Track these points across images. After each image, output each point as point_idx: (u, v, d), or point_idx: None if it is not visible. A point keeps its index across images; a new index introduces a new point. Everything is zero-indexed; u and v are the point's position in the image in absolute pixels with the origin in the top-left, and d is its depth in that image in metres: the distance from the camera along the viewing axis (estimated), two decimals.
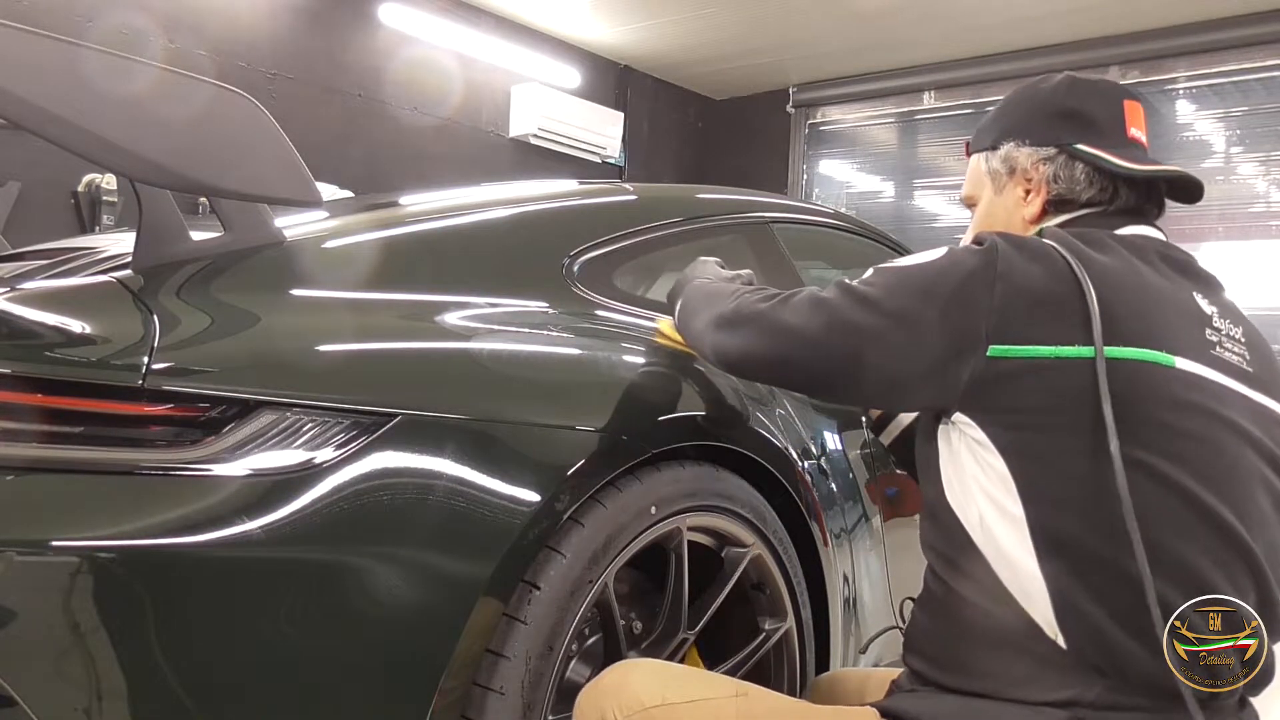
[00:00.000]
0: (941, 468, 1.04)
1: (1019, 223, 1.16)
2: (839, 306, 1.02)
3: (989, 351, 0.94)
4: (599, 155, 5.96)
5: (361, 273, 1.22)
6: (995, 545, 0.96)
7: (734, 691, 1.04)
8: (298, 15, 4.63)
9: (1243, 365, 1.00)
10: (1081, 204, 1.12)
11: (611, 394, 1.26)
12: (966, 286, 0.96)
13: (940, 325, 0.96)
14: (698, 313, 1.20)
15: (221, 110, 1.00)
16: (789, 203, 2.19)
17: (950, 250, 1.02)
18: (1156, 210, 1.15)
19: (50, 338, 0.91)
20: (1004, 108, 1.21)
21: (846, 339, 1.00)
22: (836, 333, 1.01)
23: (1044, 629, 0.93)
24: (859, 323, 0.99)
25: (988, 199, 1.20)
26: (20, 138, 1.10)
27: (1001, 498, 0.95)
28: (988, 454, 0.96)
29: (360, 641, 0.97)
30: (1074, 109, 1.13)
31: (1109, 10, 4.88)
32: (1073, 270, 0.95)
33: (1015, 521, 0.94)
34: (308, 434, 0.96)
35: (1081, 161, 1.11)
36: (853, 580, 1.64)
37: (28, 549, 0.84)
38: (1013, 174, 1.16)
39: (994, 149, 1.18)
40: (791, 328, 1.04)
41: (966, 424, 0.98)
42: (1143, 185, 1.12)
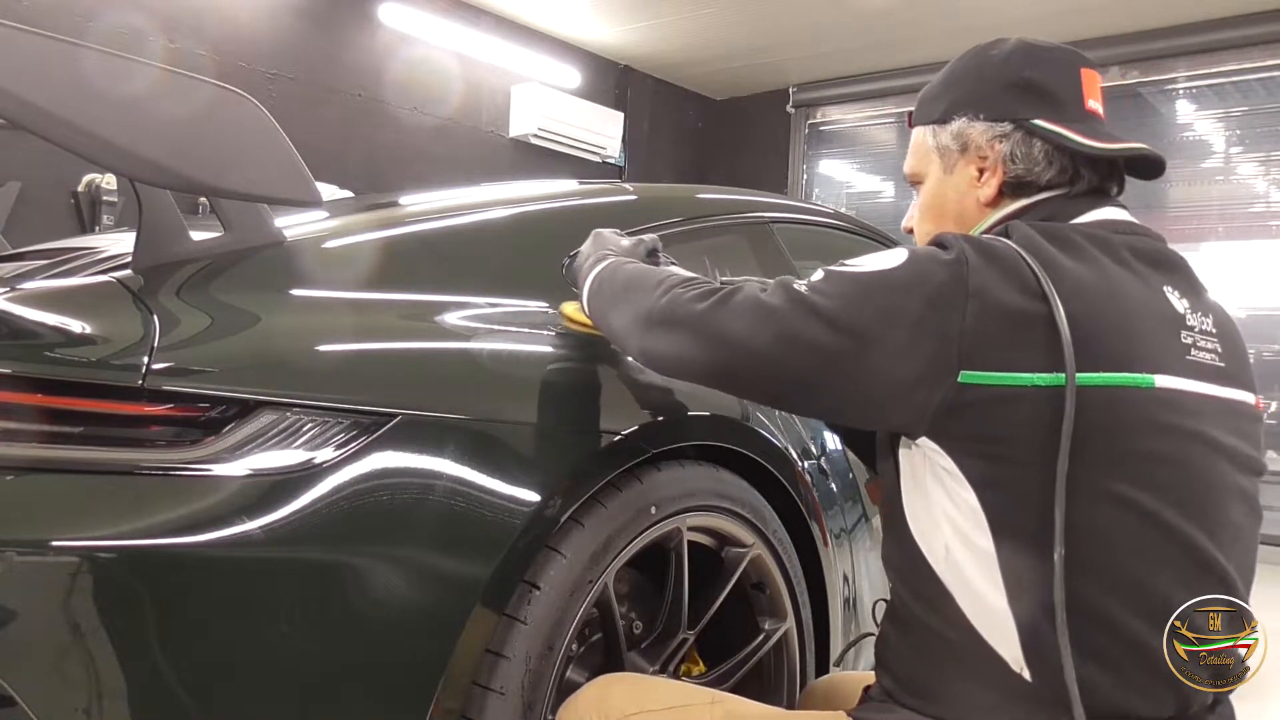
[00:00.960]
0: (904, 492, 0.97)
1: (972, 205, 1.06)
2: (789, 317, 0.90)
3: (960, 377, 0.85)
4: (599, 155, 5.96)
5: (361, 273, 1.22)
6: (962, 580, 0.90)
7: (710, 699, 1.06)
8: (298, 15, 4.63)
9: (1215, 362, 0.95)
10: (1040, 186, 1.03)
11: (611, 394, 1.26)
12: (937, 306, 0.87)
13: (908, 349, 0.87)
14: (617, 304, 1.07)
15: (221, 110, 1.00)
16: (789, 203, 2.19)
17: (913, 256, 0.91)
18: (1118, 188, 1.07)
19: (50, 338, 0.91)
20: (952, 75, 1.10)
21: (799, 356, 0.90)
22: (788, 348, 0.90)
23: (1010, 664, 0.88)
24: (813, 340, 0.89)
25: (936, 178, 1.09)
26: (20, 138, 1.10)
27: (971, 531, 0.89)
28: (957, 485, 0.89)
29: (360, 641, 0.97)
30: (1030, 80, 1.03)
31: (1109, 10, 4.88)
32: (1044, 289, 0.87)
33: (985, 556, 0.88)
34: (308, 434, 0.96)
35: (1040, 139, 1.01)
36: (853, 580, 1.64)
37: (28, 549, 0.84)
38: (965, 151, 1.05)
39: (943, 122, 1.07)
40: (735, 338, 0.92)
41: (934, 451, 0.90)
42: (1104, 164, 1.03)
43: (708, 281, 1.01)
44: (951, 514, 0.90)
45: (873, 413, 0.93)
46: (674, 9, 5.27)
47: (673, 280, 1.02)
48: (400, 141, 5.06)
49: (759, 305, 0.92)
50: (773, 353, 0.91)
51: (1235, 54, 4.99)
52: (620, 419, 1.21)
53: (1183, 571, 0.88)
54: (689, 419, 1.33)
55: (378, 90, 4.94)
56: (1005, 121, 1.03)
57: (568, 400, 1.21)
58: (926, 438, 0.90)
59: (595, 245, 1.23)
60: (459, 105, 5.32)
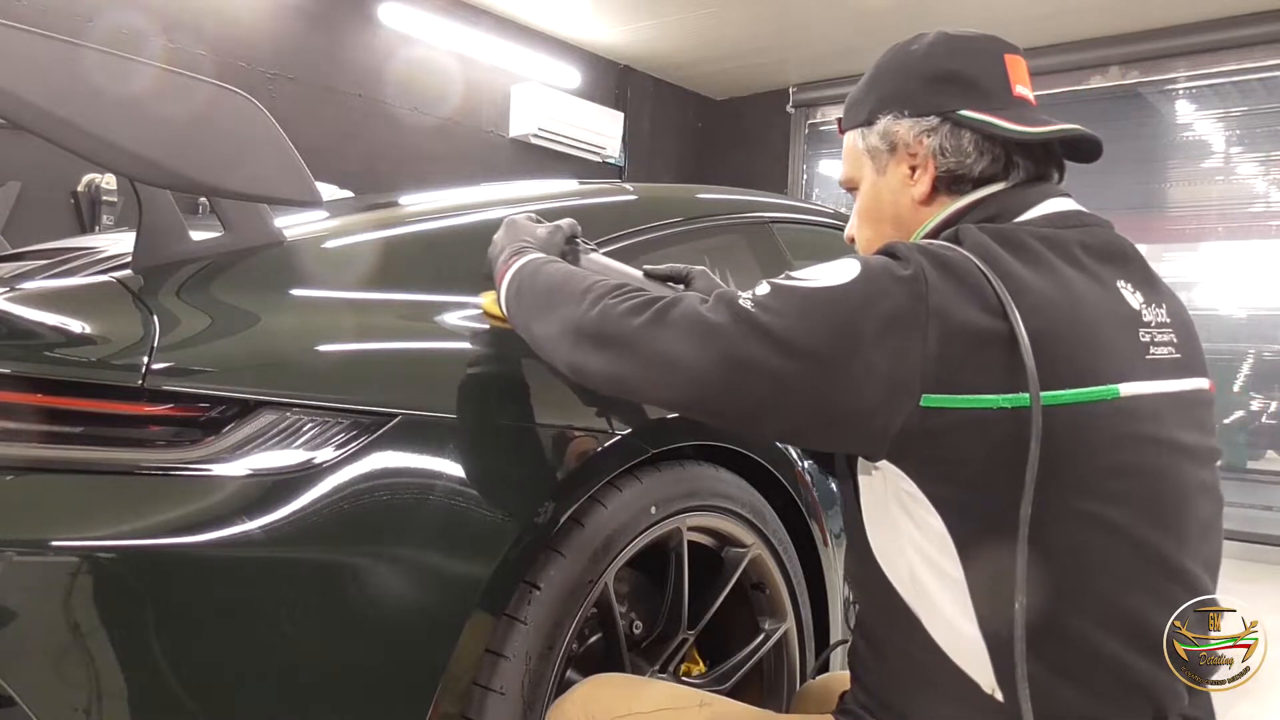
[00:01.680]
0: (865, 514, 0.94)
1: (908, 204, 1.03)
2: (735, 338, 0.84)
3: (922, 401, 0.81)
4: (599, 155, 5.96)
5: (361, 273, 1.22)
6: (930, 606, 0.87)
7: (698, 701, 1.05)
8: (298, 15, 4.63)
9: (1172, 355, 0.92)
10: (975, 179, 0.99)
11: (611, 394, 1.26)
12: (896, 327, 0.81)
13: (866, 374, 0.81)
14: (541, 314, 1.00)
15: (221, 110, 1.01)
16: (789, 203, 2.19)
17: (866, 270, 0.85)
18: (1058, 175, 1.03)
19: (50, 338, 0.91)
20: (875, 76, 1.07)
21: (746, 381, 0.84)
22: (733, 372, 0.84)
23: (981, 686, 0.86)
24: (762, 363, 0.83)
25: (870, 181, 1.06)
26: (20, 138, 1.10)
27: (939, 558, 0.85)
28: (922, 510, 0.85)
29: (360, 641, 0.97)
30: (953, 71, 1.01)
31: (1109, 10, 4.88)
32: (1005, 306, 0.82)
33: (954, 584, 0.85)
34: (308, 434, 0.96)
35: (968, 129, 0.98)
36: None
37: (28, 549, 0.84)
38: (894, 150, 1.02)
39: (870, 124, 1.04)
40: (675, 361, 0.86)
41: (896, 475, 0.86)
42: (1039, 150, 1.00)
43: (638, 290, 0.94)
44: (918, 540, 0.86)
45: (829, 438, 0.89)
46: (674, 9, 5.27)
47: (601, 288, 0.95)
48: (400, 141, 5.06)
49: (700, 322, 0.86)
50: (716, 376, 0.85)
51: (1235, 54, 4.99)
52: (620, 419, 1.21)
53: (1152, 583, 0.86)
54: (689, 419, 1.33)
55: (378, 90, 4.94)
56: (931, 115, 1.00)
57: (567, 400, 1.20)
58: (888, 461, 0.86)
59: (509, 235, 1.16)
60: (459, 105, 5.32)
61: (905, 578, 0.89)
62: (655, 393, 0.91)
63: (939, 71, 1.01)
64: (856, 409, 0.82)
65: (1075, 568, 0.83)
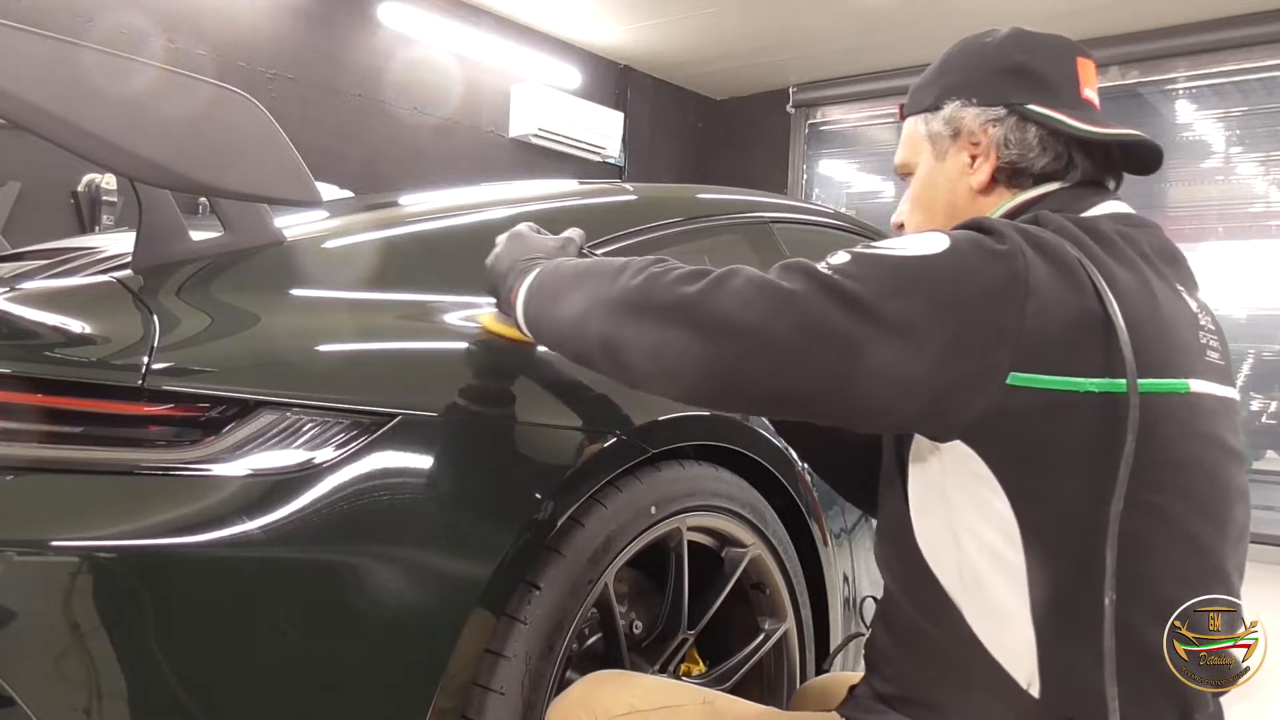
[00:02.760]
0: (912, 498, 0.92)
1: (964, 193, 1.03)
2: (814, 305, 0.79)
3: (1009, 379, 0.79)
4: (599, 155, 5.96)
5: (361, 273, 1.22)
6: (977, 595, 0.86)
7: (700, 699, 1.05)
8: (298, 15, 4.63)
9: (1219, 362, 0.92)
10: (1035, 174, 1.00)
11: (611, 394, 1.26)
12: (993, 303, 0.79)
13: (957, 347, 0.78)
14: (566, 295, 0.93)
15: (221, 110, 1.00)
16: (789, 203, 2.19)
17: (956, 244, 0.83)
18: (1115, 181, 1.04)
19: (50, 338, 0.91)
20: (945, 63, 1.07)
21: (825, 352, 0.78)
22: (813, 341, 0.78)
23: (1018, 680, 0.85)
24: (846, 333, 0.78)
25: (927, 166, 1.06)
26: (20, 138, 1.10)
27: (998, 543, 0.84)
28: (988, 492, 0.83)
29: (360, 641, 0.97)
30: (1024, 65, 1.01)
31: (1109, 10, 4.88)
32: (1097, 289, 0.82)
33: (1013, 571, 0.83)
34: (308, 434, 0.96)
35: (1034, 123, 0.98)
36: (852, 580, 1.64)
37: (28, 549, 0.84)
38: (957, 137, 1.02)
39: (935, 109, 1.04)
40: (741, 328, 0.79)
41: (966, 456, 0.84)
42: (1099, 153, 1.00)
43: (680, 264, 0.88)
44: (974, 525, 0.85)
45: (901, 417, 0.84)
46: (674, 9, 5.27)
47: (641, 262, 0.89)
48: (400, 141, 5.06)
49: (772, 289, 0.80)
50: (791, 345, 0.78)
51: (1235, 54, 5.00)
52: (620, 419, 1.21)
53: (1198, 581, 0.87)
54: (689, 419, 1.33)
55: (378, 90, 4.95)
56: (999, 106, 1.00)
57: (568, 400, 1.20)
58: (960, 441, 0.83)
59: (515, 250, 1.09)
60: (459, 105, 5.32)
61: (950, 564, 0.88)
62: (709, 365, 0.81)
63: (1010, 64, 1.01)
64: (942, 384, 0.79)
65: (1135, 559, 0.82)
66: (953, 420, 0.82)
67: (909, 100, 1.10)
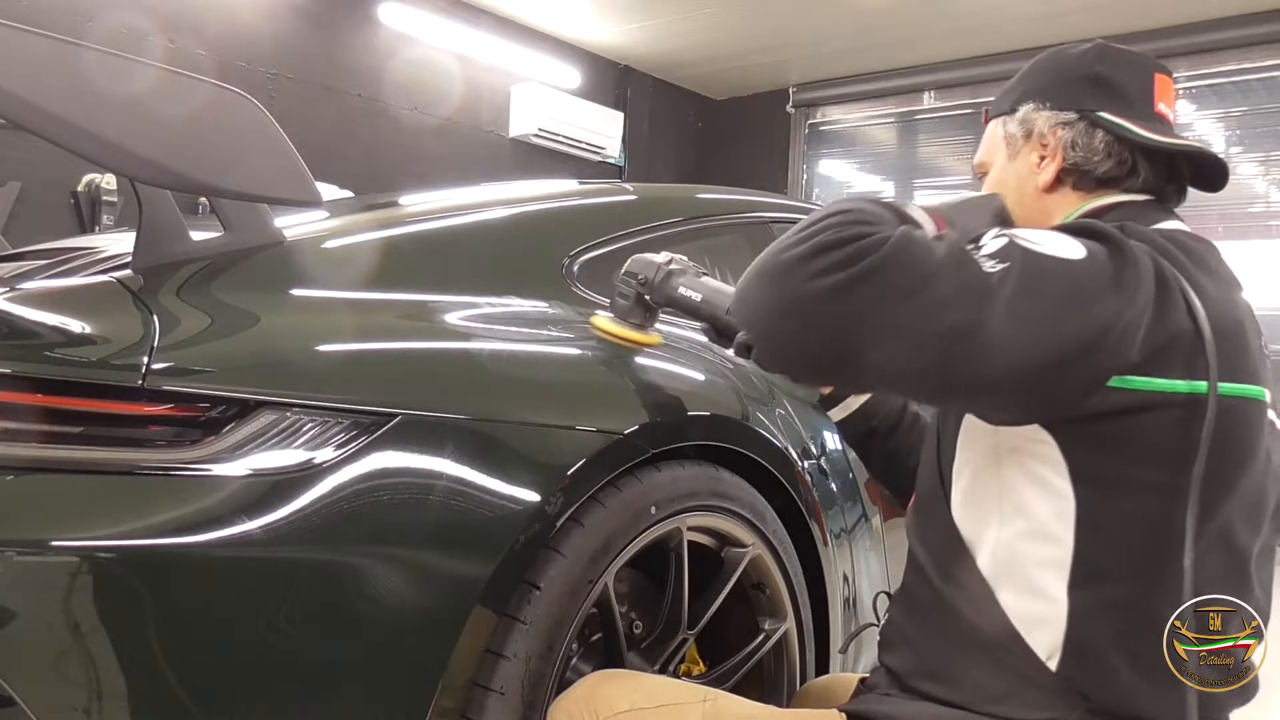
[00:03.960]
0: (955, 474, 0.96)
1: (1031, 191, 1.08)
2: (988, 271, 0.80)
3: (1110, 382, 0.82)
4: (599, 155, 5.97)
5: (361, 273, 1.22)
6: (1012, 572, 0.91)
7: (701, 697, 1.06)
8: (298, 15, 4.63)
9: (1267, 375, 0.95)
10: (1098, 178, 1.04)
11: (611, 394, 1.26)
12: (1114, 310, 0.81)
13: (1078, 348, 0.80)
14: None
15: (221, 110, 1.00)
16: (789, 203, 2.19)
17: (1091, 253, 0.84)
18: (1178, 196, 1.09)
19: (50, 338, 0.91)
20: (1028, 71, 1.13)
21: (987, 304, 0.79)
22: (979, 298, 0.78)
23: (1038, 652, 0.90)
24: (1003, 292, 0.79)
25: (1000, 165, 1.12)
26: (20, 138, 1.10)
27: (1049, 521, 0.88)
28: (1053, 475, 0.87)
29: (360, 641, 0.97)
30: (1102, 75, 1.05)
31: (1108, 10, 4.89)
32: (1186, 297, 0.85)
33: (1059, 547, 0.88)
34: (308, 434, 0.96)
35: (1103, 130, 1.03)
36: (853, 580, 1.64)
37: (28, 549, 0.84)
38: (1029, 138, 1.08)
39: (1012, 112, 1.10)
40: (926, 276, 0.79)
41: (1034, 439, 0.87)
42: (1163, 164, 1.05)
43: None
44: (1027, 502, 0.89)
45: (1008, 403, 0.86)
46: (674, 9, 5.27)
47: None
48: (400, 141, 5.06)
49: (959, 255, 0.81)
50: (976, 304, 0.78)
51: (1235, 54, 5.00)
52: (620, 419, 1.21)
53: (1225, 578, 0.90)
54: (689, 419, 1.33)
55: (378, 90, 4.95)
56: (1070, 110, 1.05)
57: (568, 400, 1.20)
58: (1041, 426, 0.87)
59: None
60: (459, 105, 5.32)
61: (989, 541, 0.92)
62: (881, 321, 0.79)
63: (1088, 73, 1.06)
64: (1057, 379, 0.81)
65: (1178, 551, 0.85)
66: (1044, 412, 0.86)
67: (992, 105, 1.17)
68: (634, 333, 1.28)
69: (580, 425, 1.17)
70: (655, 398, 1.30)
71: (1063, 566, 0.88)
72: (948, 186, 6.11)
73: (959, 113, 5.98)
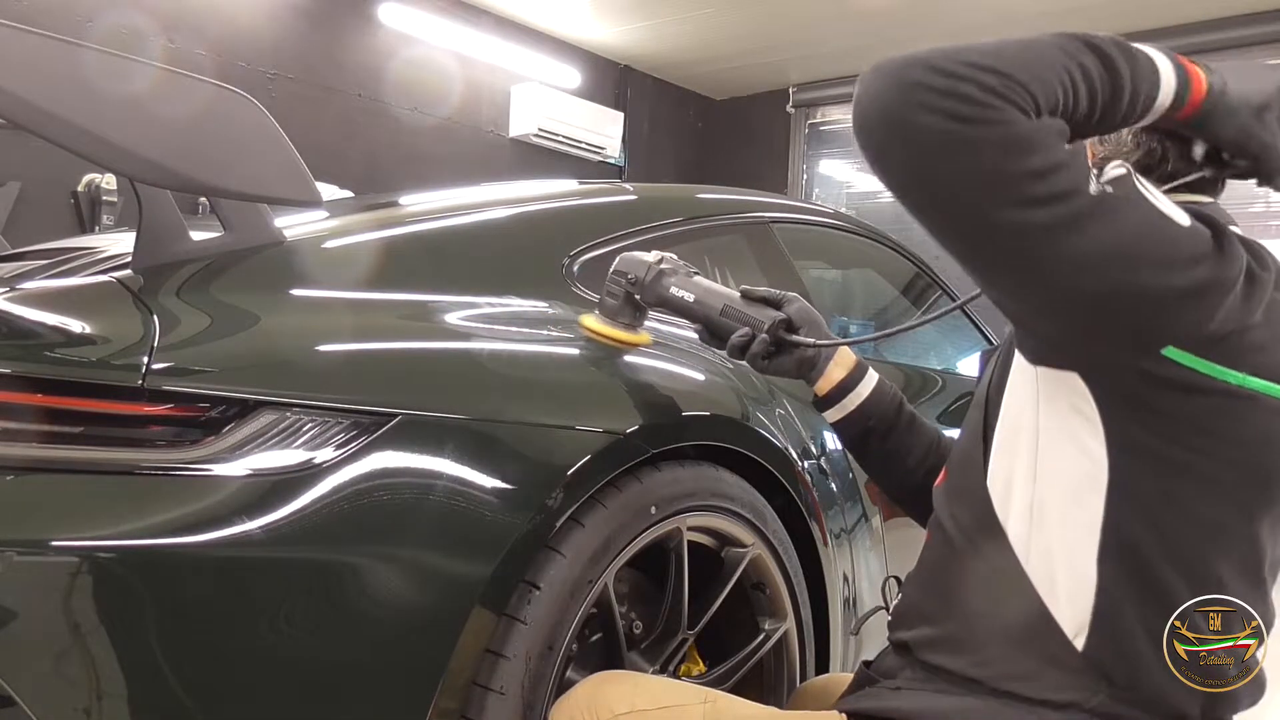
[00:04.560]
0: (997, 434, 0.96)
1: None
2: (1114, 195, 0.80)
3: (1165, 350, 0.82)
4: (599, 155, 5.96)
5: (361, 273, 1.22)
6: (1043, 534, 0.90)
7: (702, 698, 1.06)
8: (298, 15, 4.63)
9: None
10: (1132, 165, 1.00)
11: (611, 394, 1.26)
12: (1206, 284, 0.81)
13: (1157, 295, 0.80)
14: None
15: (221, 110, 1.00)
16: (789, 203, 2.19)
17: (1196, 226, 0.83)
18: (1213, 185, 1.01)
19: (50, 338, 0.91)
20: None
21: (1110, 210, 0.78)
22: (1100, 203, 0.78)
23: (1064, 628, 0.90)
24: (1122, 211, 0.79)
25: None
26: (20, 138, 1.10)
27: (1082, 488, 0.88)
28: (1087, 437, 0.87)
29: (360, 641, 0.97)
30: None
31: (1109, 10, 4.88)
32: (1262, 291, 0.84)
33: (1089, 513, 0.88)
34: (308, 434, 0.96)
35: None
36: (853, 580, 1.64)
37: (28, 549, 0.84)
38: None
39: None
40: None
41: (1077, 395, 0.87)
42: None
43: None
44: (1061, 467, 0.89)
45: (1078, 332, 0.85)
46: (674, 9, 5.27)
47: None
48: (400, 141, 5.06)
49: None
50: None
51: (1235, 54, 4.99)
52: (620, 419, 1.21)
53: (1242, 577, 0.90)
54: (689, 419, 1.33)
55: (378, 90, 4.94)
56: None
57: (568, 400, 1.21)
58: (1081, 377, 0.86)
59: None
60: (459, 105, 5.32)
61: (1021, 504, 0.92)
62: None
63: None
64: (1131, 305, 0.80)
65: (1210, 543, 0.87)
66: (1100, 355, 0.85)
67: None
68: (623, 332, 1.27)
69: (580, 425, 1.17)
70: (655, 398, 1.30)
71: (1093, 534, 0.88)
72: None
73: None
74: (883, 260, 2.39)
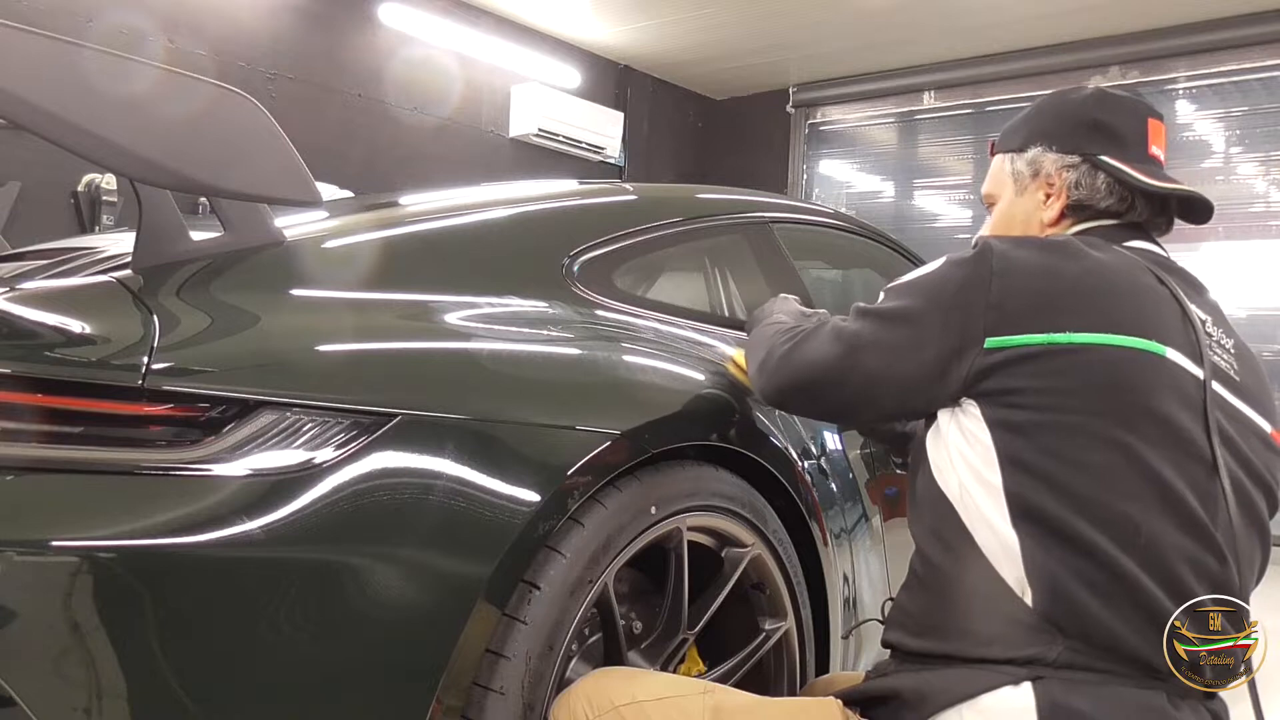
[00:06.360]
0: (928, 441, 1.10)
1: (1036, 225, 1.21)
2: (853, 330, 1.11)
3: (985, 344, 1.00)
4: (599, 155, 5.97)
5: (361, 273, 1.22)
6: (974, 508, 1.01)
7: (701, 690, 1.09)
8: (298, 15, 4.63)
9: (1230, 372, 1.04)
10: (1099, 210, 1.17)
11: (611, 394, 1.26)
12: (965, 289, 1.03)
13: (942, 328, 1.03)
14: (752, 357, 1.32)
15: (221, 110, 1.00)
16: (789, 203, 2.19)
17: (949, 258, 1.08)
18: (1165, 225, 1.20)
19: (50, 338, 0.91)
20: (1033, 112, 1.25)
21: (858, 355, 1.09)
22: (850, 352, 1.10)
23: (1013, 587, 0.97)
24: (869, 336, 1.09)
25: (1008, 199, 1.24)
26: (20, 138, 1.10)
27: (982, 467, 1.01)
28: (976, 428, 1.02)
29: (360, 641, 0.97)
30: (1102, 121, 1.18)
31: (1109, 10, 4.88)
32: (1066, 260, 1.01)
33: (992, 488, 1.00)
34: (308, 434, 0.96)
35: (1104, 172, 1.15)
36: (853, 580, 1.64)
37: (28, 549, 0.84)
38: (1036, 177, 1.21)
39: (1020, 151, 1.22)
40: (813, 360, 1.15)
41: (968, 404, 1.04)
42: (1157, 201, 1.17)
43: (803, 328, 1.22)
44: (965, 453, 1.03)
45: (922, 392, 1.07)
46: (674, 9, 5.27)
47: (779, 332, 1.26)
48: (400, 141, 5.06)
49: (834, 329, 1.15)
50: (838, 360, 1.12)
51: (1235, 54, 5.00)
52: (620, 419, 1.21)
53: (1159, 510, 0.95)
54: (689, 419, 1.33)
55: (378, 90, 4.95)
56: (1075, 154, 1.18)
57: (568, 400, 1.21)
58: (965, 396, 1.04)
59: (767, 310, 1.49)
60: (459, 105, 5.32)
61: (955, 488, 1.04)
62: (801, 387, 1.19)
63: (1090, 119, 1.19)
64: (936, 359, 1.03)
65: (1105, 487, 0.95)
66: (953, 386, 1.03)
67: (999, 140, 1.29)
68: None
69: (580, 425, 1.17)
70: (655, 398, 1.30)
71: (1002, 503, 0.99)
72: (947, 186, 6.11)
73: (959, 113, 5.98)
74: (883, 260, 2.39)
